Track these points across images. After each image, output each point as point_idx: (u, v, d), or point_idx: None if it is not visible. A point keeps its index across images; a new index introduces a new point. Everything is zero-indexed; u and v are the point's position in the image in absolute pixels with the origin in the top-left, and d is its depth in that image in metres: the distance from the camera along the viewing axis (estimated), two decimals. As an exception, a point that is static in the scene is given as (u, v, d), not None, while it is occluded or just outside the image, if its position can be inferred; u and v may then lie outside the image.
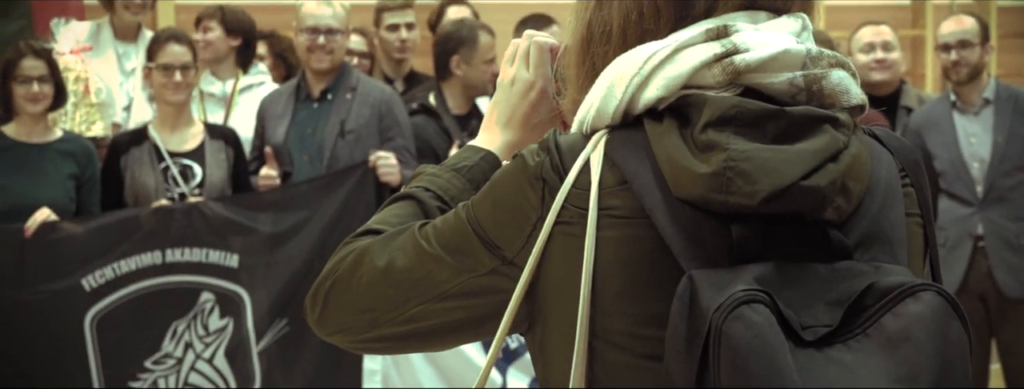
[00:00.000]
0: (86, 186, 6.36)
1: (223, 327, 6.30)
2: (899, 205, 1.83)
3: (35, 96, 6.18)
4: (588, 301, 1.77)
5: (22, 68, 6.18)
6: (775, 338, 1.58)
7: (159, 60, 6.39)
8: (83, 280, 6.14)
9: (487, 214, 1.89)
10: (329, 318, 2.01)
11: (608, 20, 1.89)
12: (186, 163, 6.42)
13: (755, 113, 1.73)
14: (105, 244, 6.17)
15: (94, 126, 6.79)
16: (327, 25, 6.59)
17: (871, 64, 6.92)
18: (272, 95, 6.88)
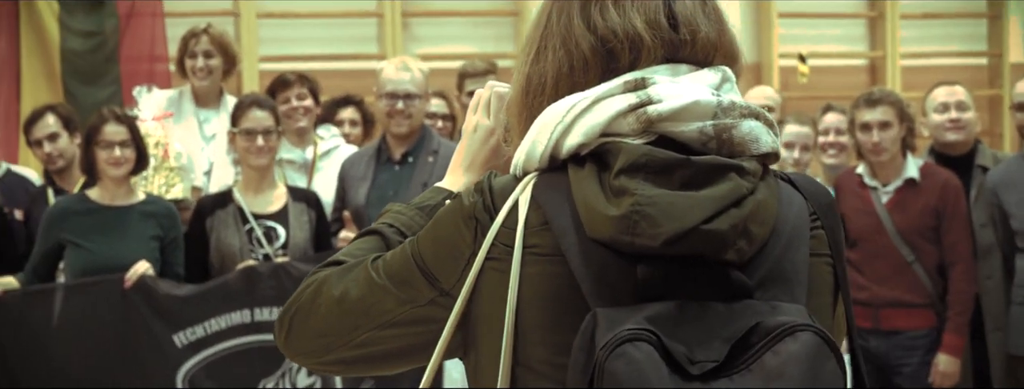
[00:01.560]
0: (169, 247, 6.40)
1: (310, 385, 6.31)
2: (804, 247, 1.95)
3: (117, 160, 6.23)
4: (511, 331, 1.91)
5: (105, 134, 6.24)
6: (655, 373, 1.71)
7: (242, 125, 6.45)
8: (175, 337, 6.18)
9: (428, 249, 2.03)
10: (293, 342, 2.15)
11: (544, 73, 2.03)
12: (270, 225, 6.45)
13: (664, 161, 1.86)
14: (196, 304, 6.20)
15: (173, 189, 6.84)
16: (406, 90, 6.62)
17: (945, 124, 6.89)
18: (353, 157, 6.90)
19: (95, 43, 9.70)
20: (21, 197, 7.08)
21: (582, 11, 2.03)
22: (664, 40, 1.99)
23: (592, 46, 2.00)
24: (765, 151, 1.96)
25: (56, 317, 6.15)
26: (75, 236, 6.28)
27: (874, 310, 6.59)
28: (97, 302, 6.20)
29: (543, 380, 1.91)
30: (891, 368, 6.56)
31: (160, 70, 9.42)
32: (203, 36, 7.55)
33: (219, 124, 7.28)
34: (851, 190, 6.73)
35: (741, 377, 1.76)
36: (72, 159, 7.01)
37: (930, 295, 6.55)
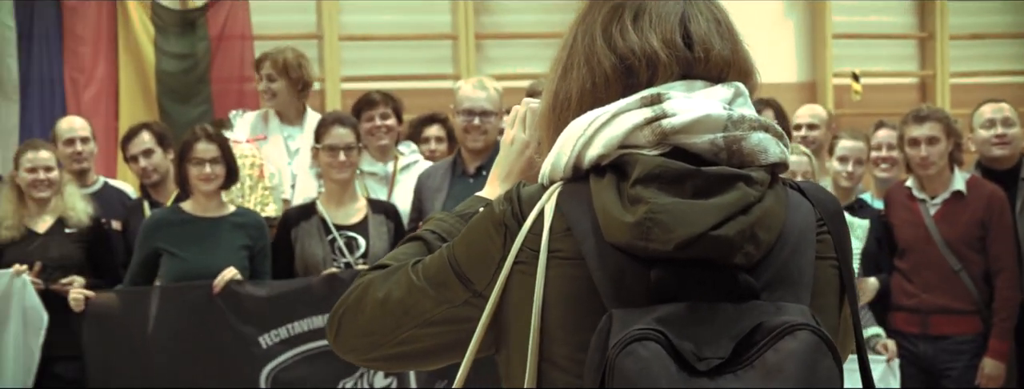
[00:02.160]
0: (258, 256, 6.44)
1: (387, 385, 6.33)
2: (810, 251, 1.98)
3: (207, 176, 6.30)
4: (537, 329, 1.95)
5: (196, 151, 6.30)
6: (661, 370, 1.76)
7: (325, 142, 6.49)
8: (261, 337, 6.23)
9: (462, 253, 2.06)
10: (341, 340, 2.19)
11: (569, 89, 2.08)
12: (351, 235, 6.48)
13: (676, 172, 1.90)
14: (281, 307, 6.24)
15: (267, 207, 6.90)
16: (481, 107, 6.63)
17: (991, 140, 6.87)
18: (429, 170, 6.92)
19: (188, 64, 9.79)
20: (118, 209, 7.16)
21: (604, 32, 2.06)
22: (679, 58, 2.02)
23: (613, 64, 2.03)
24: (773, 161, 1.99)
25: (151, 320, 6.22)
26: (170, 245, 6.35)
27: (922, 316, 6.57)
28: (189, 306, 6.28)
29: (566, 375, 1.94)
30: (939, 371, 6.55)
31: (248, 89, 9.46)
32: (266, 62, 7.66)
33: (303, 139, 7.33)
34: (901, 202, 6.72)
35: (744, 373, 1.80)
36: (166, 173, 7.10)
37: (976, 302, 6.54)
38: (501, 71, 9.36)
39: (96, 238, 6.67)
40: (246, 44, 9.85)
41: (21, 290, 6.30)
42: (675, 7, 2.06)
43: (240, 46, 9.86)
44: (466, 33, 10.37)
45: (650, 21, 2.05)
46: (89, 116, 8.45)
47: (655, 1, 2.07)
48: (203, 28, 9.84)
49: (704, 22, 2.07)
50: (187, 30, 9.82)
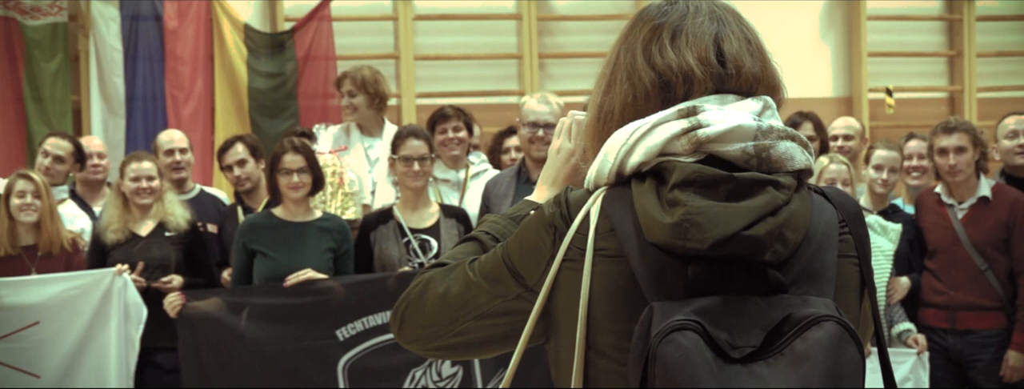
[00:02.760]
0: (342, 258, 6.43)
1: (454, 373, 6.31)
2: (833, 249, 1.99)
3: (295, 185, 6.30)
4: (585, 321, 1.97)
5: (285, 162, 6.31)
6: (699, 357, 1.78)
7: (401, 152, 6.49)
8: (338, 330, 6.23)
9: (516, 252, 2.09)
10: (404, 331, 2.23)
11: (613, 103, 2.10)
12: (424, 238, 6.48)
13: (710, 177, 1.92)
14: (357, 302, 6.25)
15: (348, 211, 6.90)
16: (545, 120, 6.59)
17: (1015, 149, 6.83)
18: (495, 178, 6.88)
19: (277, 82, 9.84)
20: (212, 213, 7.21)
21: (644, 50, 2.09)
22: (713, 74, 2.05)
23: (652, 80, 2.06)
24: (799, 167, 2.00)
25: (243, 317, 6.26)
26: (262, 247, 6.37)
27: (951, 312, 6.54)
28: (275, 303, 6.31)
29: (610, 362, 1.96)
30: (966, 363, 6.51)
31: (332, 105, 9.51)
32: (346, 79, 7.72)
33: (381, 149, 7.35)
34: (931, 207, 6.68)
35: (774, 360, 1.82)
36: (257, 182, 7.14)
37: (1001, 299, 6.49)
38: (562, 88, 9.35)
39: (193, 240, 6.71)
40: (330, 64, 9.90)
41: (122, 288, 6.34)
42: (710, 28, 2.08)
43: (324, 66, 9.91)
44: (530, 53, 10.38)
45: (686, 41, 2.07)
46: (187, 129, 8.54)
47: (691, 22, 2.08)
48: (291, 49, 9.89)
49: (736, 42, 2.08)
50: (276, 51, 9.88)
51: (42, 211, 6.58)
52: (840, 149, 7.58)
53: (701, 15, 2.10)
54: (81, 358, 6.41)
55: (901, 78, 10.93)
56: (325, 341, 6.23)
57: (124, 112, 9.64)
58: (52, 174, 7.19)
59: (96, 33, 9.63)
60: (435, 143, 6.94)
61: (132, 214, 6.67)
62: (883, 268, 6.50)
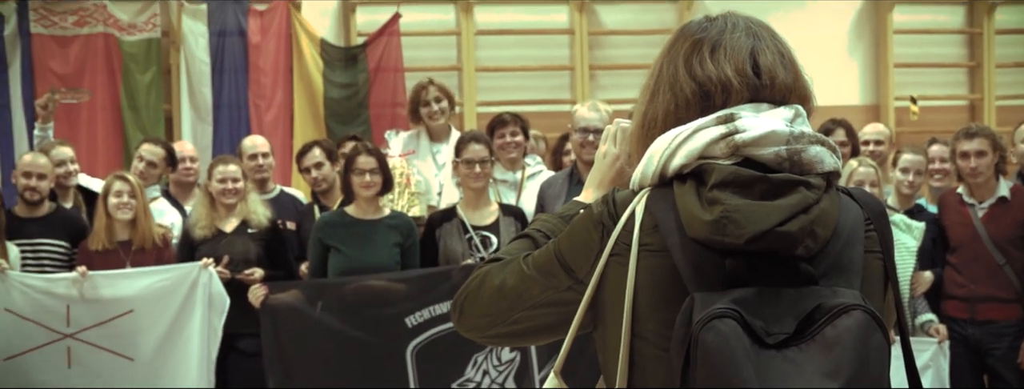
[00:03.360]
0: (408, 252, 6.44)
1: (512, 359, 6.31)
2: (859, 245, 1.99)
3: (367, 184, 6.32)
4: (630, 310, 1.97)
5: (358, 163, 6.34)
6: (737, 343, 1.78)
7: (463, 156, 6.49)
8: (406, 318, 6.24)
9: (566, 247, 2.09)
10: (464, 321, 2.24)
11: (656, 111, 2.10)
12: (485, 234, 6.47)
13: (747, 178, 1.92)
14: (424, 292, 6.26)
15: (413, 209, 6.91)
16: (594, 126, 6.55)
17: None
18: (549, 179, 6.87)
19: (350, 92, 9.88)
20: (291, 212, 7.23)
21: (686, 63, 2.09)
22: (749, 85, 2.05)
23: (693, 90, 2.06)
24: (828, 170, 2.00)
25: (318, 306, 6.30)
26: (336, 242, 6.38)
27: (971, 304, 6.48)
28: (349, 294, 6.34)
29: (653, 348, 1.96)
30: (985, 351, 6.46)
31: (400, 114, 9.51)
32: (430, 86, 7.71)
33: (447, 153, 7.33)
34: (953, 206, 6.64)
35: (807, 346, 1.82)
36: (333, 183, 7.16)
37: (1018, 292, 6.44)
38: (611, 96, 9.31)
39: (273, 237, 6.74)
40: (398, 75, 9.94)
41: (208, 280, 6.39)
42: (746, 43, 2.08)
43: (393, 77, 9.94)
44: (581, 64, 10.38)
45: (725, 54, 2.07)
46: (269, 135, 8.58)
47: (729, 38, 2.09)
48: (363, 62, 9.92)
49: (770, 55, 2.08)
50: (350, 64, 9.91)
51: (137, 210, 6.63)
52: (871, 153, 7.56)
53: (738, 31, 2.11)
54: (170, 343, 6.46)
55: (925, 87, 10.86)
56: (395, 328, 6.24)
57: (211, 119, 9.70)
58: (146, 176, 7.24)
59: (186, 48, 9.69)
60: (494, 147, 6.94)
61: (218, 212, 6.71)
62: (907, 263, 6.47)
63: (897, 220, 6.50)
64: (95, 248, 6.62)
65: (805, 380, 1.79)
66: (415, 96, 7.80)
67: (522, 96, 10.00)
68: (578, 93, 10.21)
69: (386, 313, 6.25)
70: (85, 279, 6.36)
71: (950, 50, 11.33)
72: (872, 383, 1.82)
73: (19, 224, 6.70)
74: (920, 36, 11.16)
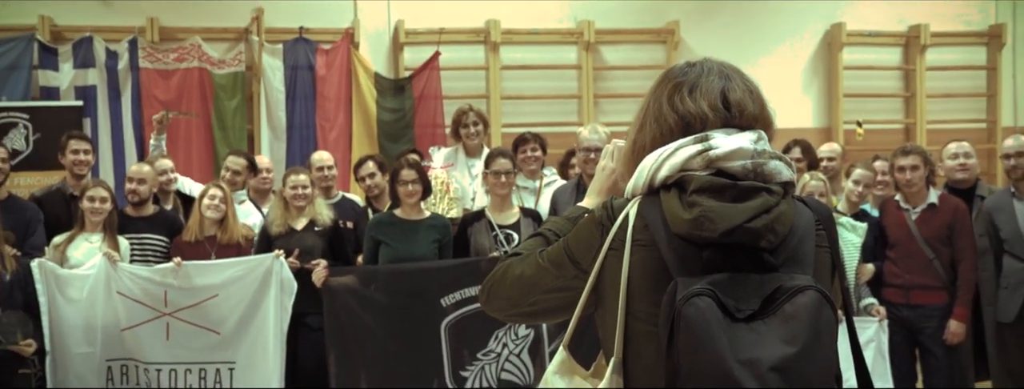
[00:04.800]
0: (444, 247, 6.45)
1: (527, 334, 6.30)
2: (811, 241, 2.02)
3: (410, 193, 6.35)
4: (625, 293, 1.99)
5: (402, 176, 6.39)
6: (712, 316, 1.81)
7: (492, 168, 6.49)
8: (442, 299, 6.23)
9: (573, 243, 2.12)
10: (490, 303, 2.26)
11: (644, 139, 2.13)
12: (508, 232, 6.46)
13: (719, 185, 1.96)
14: (457, 278, 6.24)
15: (451, 211, 6.94)
16: (596, 146, 6.52)
17: (956, 167, 6.75)
18: (561, 188, 6.87)
19: (398, 116, 9.90)
20: (350, 213, 7.23)
21: (669, 100, 2.12)
22: (721, 116, 2.08)
23: (676, 121, 2.10)
24: (785, 180, 2.04)
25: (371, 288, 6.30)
26: (386, 238, 6.40)
27: (905, 291, 6.48)
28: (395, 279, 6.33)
29: (644, 324, 1.98)
30: (917, 330, 6.45)
31: (439, 133, 9.58)
32: (470, 112, 7.75)
33: (480, 167, 7.34)
34: (891, 211, 6.63)
35: (769, 320, 1.85)
36: (384, 190, 7.16)
37: (945, 281, 6.42)
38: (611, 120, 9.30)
39: (335, 234, 6.73)
40: (438, 102, 9.96)
41: (280, 268, 6.38)
42: (718, 84, 2.12)
43: (434, 103, 9.96)
44: (587, 94, 10.38)
45: (701, 93, 2.11)
46: (332, 151, 8.59)
47: (705, 80, 2.12)
48: (409, 91, 9.95)
49: (739, 92, 2.12)
50: (398, 93, 9.93)
51: (227, 213, 6.66)
52: (825, 167, 7.59)
53: (712, 74, 2.14)
54: (248, 320, 6.46)
55: (868, 113, 10.83)
56: (432, 307, 6.24)
57: (285, 137, 9.74)
58: (232, 183, 7.27)
59: (265, 79, 9.72)
60: (517, 160, 6.94)
61: (291, 213, 6.70)
62: (853, 257, 6.47)
63: (844, 222, 6.53)
64: (187, 240, 6.65)
65: (768, 346, 1.81)
66: (457, 119, 7.82)
67: (538, 119, 9.98)
68: (584, 117, 10.19)
69: (425, 295, 6.25)
70: (179, 269, 6.37)
71: (889, 83, 11.30)
72: (822, 348, 1.85)
73: (129, 222, 6.72)
74: (864, 71, 11.14)
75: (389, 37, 10.18)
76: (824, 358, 1.85)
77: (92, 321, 6.34)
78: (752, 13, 10.94)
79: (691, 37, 10.67)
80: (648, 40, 10.71)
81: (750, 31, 10.89)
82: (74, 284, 6.32)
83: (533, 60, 10.45)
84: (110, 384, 6.39)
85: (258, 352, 6.46)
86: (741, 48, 10.62)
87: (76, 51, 9.35)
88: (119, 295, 6.34)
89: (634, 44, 10.69)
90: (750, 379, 1.78)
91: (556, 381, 2.17)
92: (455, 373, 6.25)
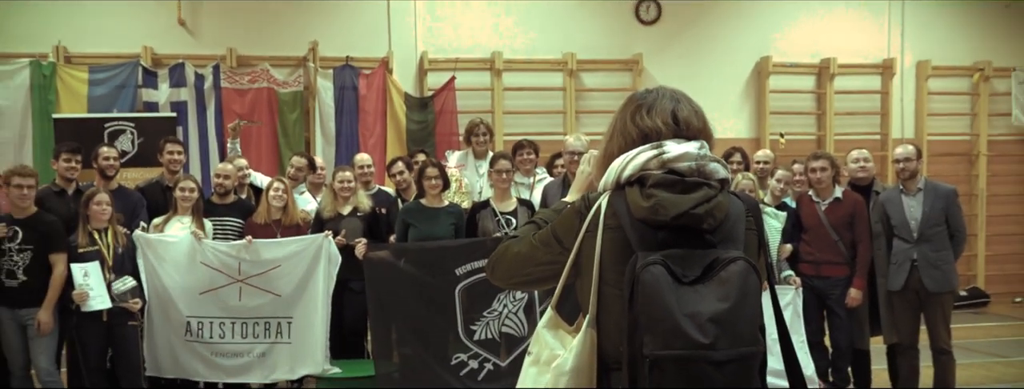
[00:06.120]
0: (459, 229, 6.44)
1: (523, 298, 6.27)
2: (742, 225, 2.02)
3: (433, 186, 6.35)
4: (598, 265, 1.99)
5: (426, 172, 6.38)
6: (664, 280, 1.82)
7: (495, 168, 6.49)
8: (456, 270, 6.19)
9: (559, 228, 2.11)
10: (495, 274, 2.25)
11: (612, 149, 2.13)
12: (508, 217, 6.45)
13: (670, 181, 1.97)
14: (468, 253, 6.20)
15: (463, 202, 6.92)
16: (578, 150, 6.58)
17: (857, 169, 6.71)
18: (549, 184, 6.86)
19: (422, 126, 9.89)
20: (384, 202, 7.20)
21: (631, 117, 2.12)
22: (672, 129, 2.08)
23: (637, 133, 2.09)
24: (721, 177, 2.04)
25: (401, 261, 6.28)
26: (413, 221, 6.39)
27: (817, 265, 6.47)
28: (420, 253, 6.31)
29: (613, 289, 1.97)
30: (825, 295, 6.45)
31: (454, 140, 9.55)
32: (481, 124, 7.76)
33: (485, 167, 7.36)
34: (806, 203, 6.62)
35: (708, 283, 1.85)
36: (410, 183, 7.15)
37: (847, 258, 6.42)
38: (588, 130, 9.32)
39: (373, 218, 6.73)
40: (453, 116, 9.96)
41: (328, 245, 6.38)
42: (669, 105, 2.12)
43: (450, 117, 9.96)
44: (570, 110, 10.39)
45: (656, 112, 2.11)
46: (371, 153, 8.62)
47: (659, 103, 2.13)
48: (431, 107, 9.94)
49: (686, 111, 2.12)
50: (423, 108, 9.93)
51: (288, 201, 6.66)
52: (759, 169, 7.54)
53: (665, 98, 2.13)
54: (303, 285, 6.44)
55: (789, 127, 10.84)
56: (448, 275, 6.21)
57: (334, 143, 9.73)
58: (295, 178, 7.29)
59: (319, 97, 9.72)
60: (516, 162, 6.93)
61: (338, 202, 6.71)
62: (776, 239, 6.48)
63: (769, 211, 6.54)
64: (258, 222, 6.64)
65: (707, 303, 1.82)
66: (469, 129, 7.83)
67: (532, 130, 9.98)
68: (568, 128, 10.21)
69: (443, 266, 6.21)
70: (250, 246, 6.37)
71: (805, 103, 11.30)
72: (749, 305, 1.86)
73: (213, 208, 6.72)
74: (786, 94, 11.14)
75: (416, 65, 10.19)
76: (751, 313, 1.86)
77: (179, 285, 6.35)
78: (699, 48, 10.96)
79: (652, 66, 10.68)
80: (618, 68, 10.72)
81: (697, 62, 10.91)
82: (163, 249, 6.31)
83: (528, 83, 10.45)
84: (188, 336, 6.39)
85: (310, 309, 6.45)
86: (691, 75, 10.64)
87: (171, 74, 9.37)
88: (202, 265, 6.34)
89: (607, 71, 10.70)
90: (693, 328, 1.79)
91: (545, 334, 2.14)
92: (466, 327, 6.23)
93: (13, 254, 5.79)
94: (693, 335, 1.78)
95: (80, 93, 9.13)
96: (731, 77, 11.01)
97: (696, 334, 1.79)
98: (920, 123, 11.49)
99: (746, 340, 1.83)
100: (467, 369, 6.22)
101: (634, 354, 1.85)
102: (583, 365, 2.01)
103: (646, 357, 1.82)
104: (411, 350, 6.24)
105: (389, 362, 6.26)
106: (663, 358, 1.79)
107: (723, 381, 1.79)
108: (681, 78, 10.52)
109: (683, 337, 1.78)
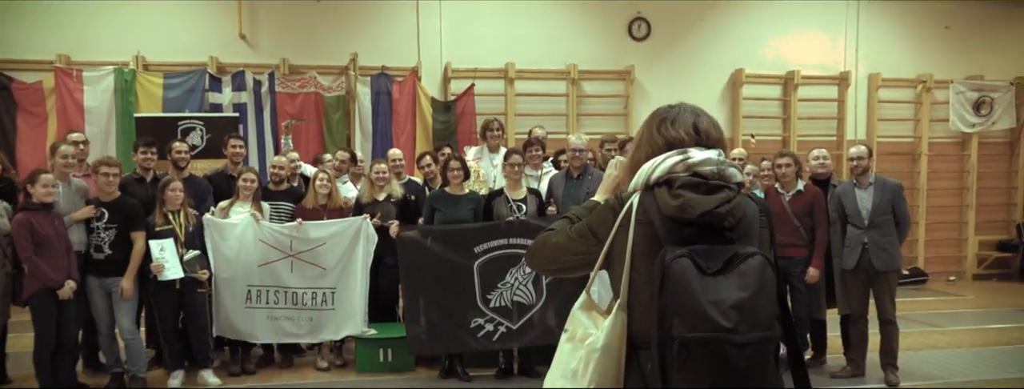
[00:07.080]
0: (477, 213, 6.37)
1: (530, 272, 6.25)
2: (756, 223, 1.97)
3: (456, 176, 6.30)
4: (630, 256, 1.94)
5: (450, 165, 6.33)
6: (690, 271, 1.77)
7: (508, 161, 6.42)
8: (475, 248, 6.19)
9: (594, 222, 2.06)
10: (534, 262, 2.18)
11: (640, 157, 2.07)
12: (519, 204, 6.40)
13: (695, 183, 1.91)
14: (485, 234, 6.18)
15: (481, 190, 6.87)
16: (580, 148, 6.54)
17: (817, 165, 6.67)
18: (554, 176, 6.81)
19: (446, 126, 9.88)
20: (414, 190, 7.17)
21: (657, 128, 2.07)
22: (693, 139, 2.03)
23: (663, 142, 2.04)
24: (738, 181, 1.99)
25: (428, 240, 6.25)
26: (439, 206, 6.35)
27: (781, 247, 6.38)
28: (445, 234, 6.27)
29: (642, 276, 1.93)
30: (787, 273, 6.40)
31: (473, 138, 9.52)
32: (495, 123, 7.72)
33: (499, 160, 7.34)
34: (773, 195, 6.58)
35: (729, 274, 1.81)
36: (436, 174, 7.13)
37: (806, 242, 6.39)
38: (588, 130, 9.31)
39: (404, 204, 6.73)
40: (473, 117, 9.94)
41: (366, 226, 6.40)
42: (691, 118, 2.07)
43: (470, 118, 9.96)
44: (572, 113, 10.36)
45: (679, 124, 2.06)
46: (402, 148, 8.58)
47: (681, 116, 2.08)
48: (454, 109, 9.93)
49: (706, 123, 2.08)
50: (447, 111, 9.92)
51: (331, 189, 6.66)
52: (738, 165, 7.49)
53: (686, 112, 2.08)
54: (345, 260, 6.46)
55: (759, 129, 10.82)
56: (468, 253, 6.20)
57: (372, 139, 9.73)
58: (339, 169, 7.29)
59: (358, 100, 9.73)
60: (526, 157, 6.91)
61: (375, 189, 6.71)
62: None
63: (741, 201, 6.48)
64: (307, 206, 6.64)
65: (729, 292, 1.79)
66: (485, 127, 7.81)
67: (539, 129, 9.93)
68: (570, 128, 10.18)
69: (464, 245, 6.20)
70: (300, 226, 6.39)
71: (772, 109, 11.25)
72: (766, 295, 1.82)
73: (270, 194, 6.73)
74: (756, 101, 11.10)
75: (441, 73, 10.18)
76: (767, 302, 1.82)
77: (240, 258, 6.37)
78: (683, 61, 10.93)
79: (642, 76, 10.65)
80: (613, 78, 10.68)
81: (681, 73, 10.88)
82: (227, 231, 6.34)
83: (536, 90, 10.42)
84: (248, 303, 6.41)
85: (350, 281, 6.47)
86: (675, 84, 10.61)
87: (234, 80, 9.39)
88: (260, 242, 6.37)
89: (603, 80, 10.67)
90: (717, 313, 1.76)
91: (580, 315, 2.08)
92: (483, 296, 6.21)
93: (100, 231, 5.83)
94: (718, 320, 1.76)
95: (156, 96, 9.18)
96: (710, 86, 10.98)
97: (720, 319, 1.76)
98: (871, 127, 11.44)
99: (764, 325, 1.79)
100: (484, 331, 6.22)
101: (663, 336, 1.82)
102: (613, 343, 1.97)
103: (675, 339, 1.79)
104: (436, 315, 6.23)
105: (417, 325, 6.26)
106: (690, 340, 1.76)
107: (744, 361, 1.77)
108: (667, 87, 10.52)
109: (709, 321, 1.76)
